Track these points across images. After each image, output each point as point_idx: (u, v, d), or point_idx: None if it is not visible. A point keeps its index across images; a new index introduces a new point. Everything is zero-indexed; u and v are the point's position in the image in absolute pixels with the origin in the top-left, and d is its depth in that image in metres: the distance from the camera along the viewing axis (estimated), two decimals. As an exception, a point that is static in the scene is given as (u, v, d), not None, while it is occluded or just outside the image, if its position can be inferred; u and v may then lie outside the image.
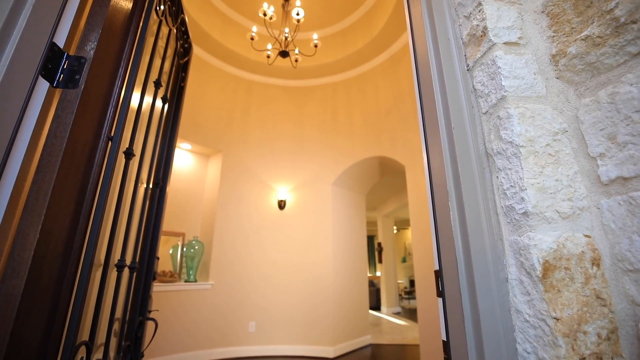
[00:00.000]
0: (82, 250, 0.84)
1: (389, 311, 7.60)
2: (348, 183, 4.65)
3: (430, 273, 3.16)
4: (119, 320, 1.15)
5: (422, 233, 3.37)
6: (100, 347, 1.03)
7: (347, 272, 4.35)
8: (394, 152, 3.92)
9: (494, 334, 0.54)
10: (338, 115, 4.66)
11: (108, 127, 0.94)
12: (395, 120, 4.02)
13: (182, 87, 1.66)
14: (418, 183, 3.53)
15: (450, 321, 0.62)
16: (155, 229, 1.41)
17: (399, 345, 4.42)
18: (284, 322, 3.95)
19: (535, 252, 0.51)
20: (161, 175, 1.44)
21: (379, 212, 8.45)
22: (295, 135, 4.67)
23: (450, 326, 0.61)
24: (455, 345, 0.60)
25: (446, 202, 0.65)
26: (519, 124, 0.57)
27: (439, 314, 2.40)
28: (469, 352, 0.55)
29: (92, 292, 0.96)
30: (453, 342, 0.60)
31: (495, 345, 0.53)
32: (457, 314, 0.59)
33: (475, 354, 0.55)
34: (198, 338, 3.57)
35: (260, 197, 4.36)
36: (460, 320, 0.58)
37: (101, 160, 0.91)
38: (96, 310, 0.93)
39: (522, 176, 0.55)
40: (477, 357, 0.54)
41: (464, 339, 0.57)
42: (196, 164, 4.33)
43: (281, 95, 4.82)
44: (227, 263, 3.97)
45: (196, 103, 4.15)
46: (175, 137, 1.57)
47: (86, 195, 0.86)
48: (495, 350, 0.53)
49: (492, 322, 0.55)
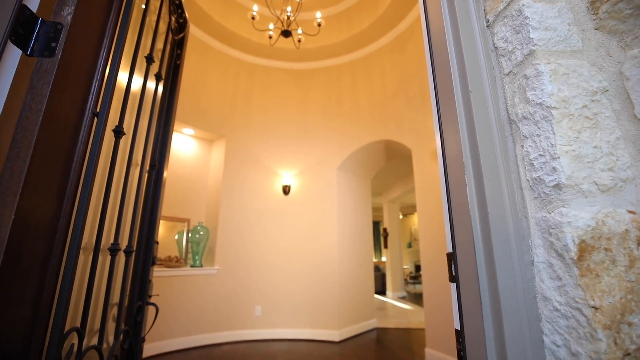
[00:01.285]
0: (68, 232, 0.79)
1: (395, 296, 7.63)
2: (353, 168, 4.57)
3: (436, 258, 3.11)
4: (116, 306, 1.11)
5: (428, 218, 3.30)
6: (96, 333, 0.99)
7: (352, 257, 4.32)
8: (401, 136, 3.81)
9: (516, 323, 0.47)
10: (343, 98, 4.53)
11: (93, 102, 0.87)
12: (401, 102, 3.89)
13: (178, 65, 1.58)
14: (425, 167, 3.44)
15: (465, 308, 0.55)
16: (152, 213, 1.36)
17: (404, 329, 4.42)
18: (289, 306, 3.96)
19: (570, 230, 0.44)
20: (157, 157, 1.38)
21: (384, 198, 8.38)
22: (299, 119, 4.57)
23: (465, 314, 0.55)
24: (470, 334, 0.53)
25: (462, 177, 0.57)
26: (551, 82, 0.49)
27: (445, 300, 2.36)
28: (486, 342, 0.49)
29: (84, 277, 0.92)
30: (468, 331, 0.54)
31: (518, 336, 0.47)
32: (474, 300, 0.53)
33: (494, 346, 0.48)
34: (205, 321, 3.60)
35: (265, 183, 4.31)
36: (477, 307, 0.52)
37: (86, 137, 0.85)
38: (87, 296, 0.89)
39: (554, 142, 0.47)
40: (497, 349, 0.48)
41: (481, 328, 0.50)
42: (199, 149, 4.28)
43: (285, 79, 4.70)
44: (232, 248, 3.96)
45: (198, 88, 4.06)
46: (172, 117, 1.51)
47: (71, 174, 0.80)
48: (517, 342, 0.47)
49: (514, 310, 0.48)
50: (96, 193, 0.97)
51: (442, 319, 2.97)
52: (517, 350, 0.46)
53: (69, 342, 0.82)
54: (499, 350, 0.48)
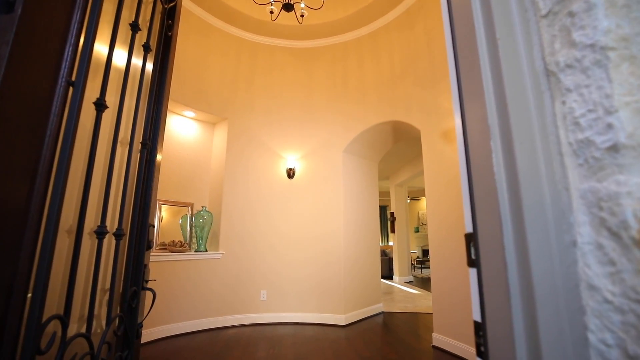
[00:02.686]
0: (43, 213, 0.72)
1: (401, 280, 7.63)
2: (360, 150, 4.45)
3: (445, 242, 3.03)
4: (107, 291, 1.06)
5: (437, 201, 3.20)
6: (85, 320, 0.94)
7: (359, 241, 4.27)
8: (409, 116, 3.67)
9: (553, 317, 0.39)
10: (349, 77, 4.37)
11: (67, 69, 0.79)
12: (410, 80, 3.72)
13: (170, 37, 1.48)
14: (434, 148, 3.31)
15: (488, 297, 0.47)
16: (146, 195, 1.29)
17: (411, 313, 4.41)
18: (294, 291, 3.95)
19: (630, 203, 0.34)
20: (149, 135, 1.30)
21: (391, 182, 8.27)
22: (303, 100, 4.44)
23: (488, 304, 0.47)
24: (494, 328, 0.45)
25: (486, 143, 0.48)
26: (607, 16, 0.38)
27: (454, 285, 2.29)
28: (515, 338, 0.41)
29: (67, 262, 0.86)
30: (491, 324, 0.46)
31: (556, 332, 0.38)
32: (499, 288, 0.44)
33: (525, 342, 0.40)
34: (210, 305, 3.62)
35: (269, 166, 4.23)
36: (503, 297, 0.43)
37: (61, 109, 0.77)
38: (70, 281, 0.83)
39: (611, 92, 0.37)
40: (529, 347, 0.40)
41: (508, 321, 0.42)
42: (202, 132, 4.20)
43: (288, 58, 4.54)
44: (236, 233, 3.94)
45: (198, 68, 3.94)
46: (164, 93, 1.41)
47: (43, 149, 0.72)
48: (554, 339, 0.38)
49: (551, 301, 0.39)
50: (80, 172, 0.89)
51: (451, 304, 2.92)
52: (555, 349, 0.38)
53: (50, 330, 0.76)
54: (532, 348, 0.39)
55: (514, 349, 0.40)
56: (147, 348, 2.93)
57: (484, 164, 0.48)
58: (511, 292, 0.42)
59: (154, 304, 1.33)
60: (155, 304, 3.18)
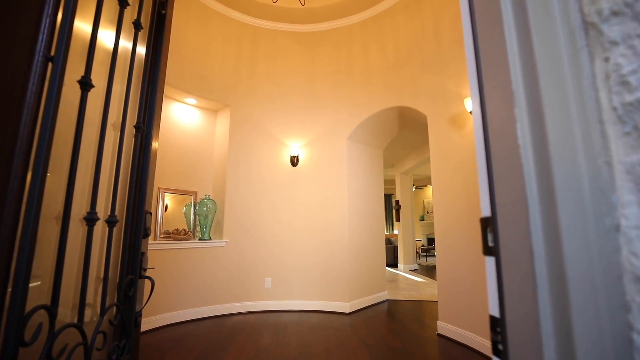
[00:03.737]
0: (22, 198, 0.68)
1: (406, 268, 7.62)
2: (364, 137, 4.36)
3: (451, 230, 2.96)
4: (100, 280, 1.02)
5: (443, 188, 3.12)
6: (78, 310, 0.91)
7: (364, 230, 4.23)
8: (415, 101, 3.56)
9: (590, 313, 0.33)
10: (353, 62, 4.25)
11: (45, 43, 0.73)
12: (416, 64, 3.60)
13: (164, 16, 1.40)
14: (441, 133, 3.21)
15: (509, 290, 0.41)
16: (141, 181, 1.24)
17: (415, 301, 4.39)
18: (299, 278, 3.95)
19: (696, 176, 0.28)
20: (142, 118, 1.24)
21: (397, 170, 8.18)
22: (307, 86, 4.33)
23: (509, 297, 0.41)
24: (515, 325, 0.39)
25: (509, 111, 0.41)
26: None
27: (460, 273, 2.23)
28: (543, 338, 0.35)
29: (55, 249, 0.81)
30: (512, 321, 0.40)
31: (594, 332, 0.32)
32: (523, 280, 0.38)
33: (554, 343, 0.34)
34: (215, 293, 3.63)
35: (272, 154, 4.17)
36: (527, 289, 0.37)
37: (38, 86, 0.71)
38: (57, 270, 0.78)
39: (673, 40, 0.30)
40: (559, 348, 0.34)
41: (533, 317, 0.36)
42: (204, 120, 4.14)
43: (291, 43, 4.41)
44: (240, 221, 3.92)
45: (199, 55, 3.85)
46: (159, 75, 1.35)
47: (20, 128, 0.67)
48: (592, 341, 0.32)
49: (587, 295, 0.33)
50: (67, 155, 0.84)
51: (456, 293, 2.87)
52: (592, 352, 0.32)
53: (41, 321, 0.72)
54: (564, 350, 0.33)
55: (541, 350, 0.35)
56: (152, 335, 2.95)
57: (506, 136, 0.41)
58: (538, 284, 0.36)
59: (152, 293, 1.30)
60: (159, 292, 3.20)
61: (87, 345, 0.88)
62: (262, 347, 2.66)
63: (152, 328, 3.10)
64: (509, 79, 0.41)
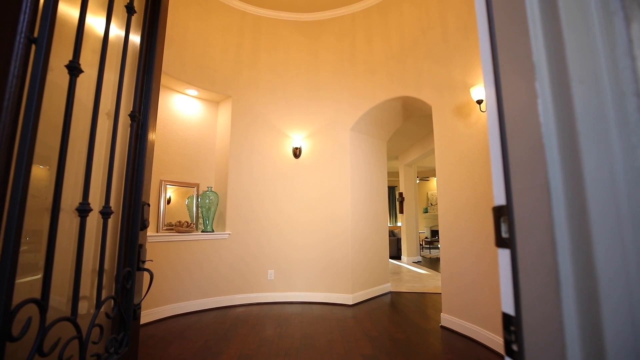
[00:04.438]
0: (7, 188, 0.64)
1: (409, 260, 7.60)
2: (368, 128, 4.30)
3: (456, 222, 2.92)
4: (97, 272, 1.00)
5: (448, 179, 3.07)
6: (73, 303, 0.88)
7: (367, 222, 4.19)
8: (419, 91, 3.48)
9: (626, 316, 0.29)
10: (356, 52, 4.16)
11: (27, 24, 0.68)
12: (421, 52, 3.51)
13: (159, 0, 1.35)
14: (446, 123, 3.15)
15: (526, 286, 0.37)
16: (138, 171, 1.21)
17: (419, 293, 4.37)
18: (302, 270, 3.94)
19: None
20: (138, 107, 1.20)
21: (400, 162, 8.10)
22: (309, 77, 4.26)
23: (525, 294, 0.37)
24: (533, 325, 0.35)
25: (529, 86, 0.36)
26: None
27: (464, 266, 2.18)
28: (567, 342, 0.31)
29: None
30: (529, 321, 0.36)
31: (630, 338, 0.28)
32: (543, 275, 0.34)
33: (579, 349, 0.30)
34: (218, 285, 3.64)
35: (274, 145, 4.13)
36: (549, 287, 0.33)
37: (21, 69, 0.67)
38: (48, 263, 0.76)
39: None
40: (587, 355, 0.30)
41: (556, 318, 0.32)
42: (205, 111, 4.09)
43: (293, 33, 4.32)
44: (243, 213, 3.90)
45: (200, 45, 3.78)
46: (155, 62, 1.30)
47: (2, 113, 0.63)
48: (629, 348, 0.28)
49: (622, 294, 0.29)
50: (58, 145, 0.81)
51: (461, 285, 2.84)
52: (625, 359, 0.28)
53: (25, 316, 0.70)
54: (592, 357, 0.29)
55: (564, 356, 0.31)
56: (156, 326, 2.97)
57: (525, 114, 0.37)
58: (562, 281, 0.32)
59: (151, 285, 1.28)
60: (163, 284, 3.20)
61: (82, 339, 0.86)
62: (265, 339, 2.66)
63: (155, 319, 3.11)
64: (529, 49, 0.36)
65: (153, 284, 3.13)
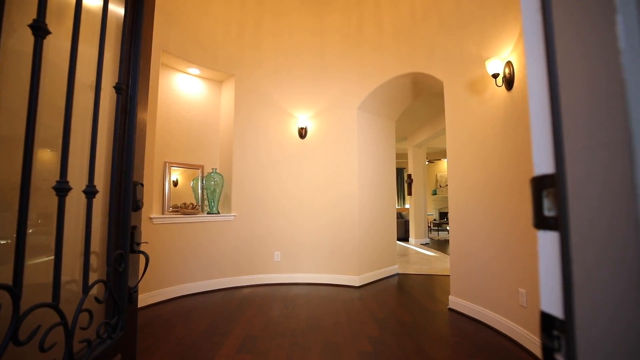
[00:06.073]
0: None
1: (417, 242, 7.55)
2: (376, 107, 4.13)
3: (465, 203, 2.81)
4: (91, 256, 0.94)
5: (459, 158, 2.94)
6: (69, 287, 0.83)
7: (374, 204, 4.11)
8: (430, 67, 3.29)
9: None
10: (364, 25, 3.94)
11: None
12: (433, 26, 3.29)
13: (145, -40, 1.22)
14: (458, 99, 2.98)
15: (585, 283, 0.27)
16: (127, 148, 1.13)
17: (426, 275, 4.33)
18: (308, 252, 3.90)
19: None
20: (124, 79, 1.11)
21: (409, 143, 7.91)
22: (315, 55, 4.08)
23: (583, 292, 0.27)
24: (594, 335, 0.26)
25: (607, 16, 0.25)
26: None
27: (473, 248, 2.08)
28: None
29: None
30: (588, 328, 0.27)
31: None
32: (615, 269, 0.24)
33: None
34: (224, 266, 3.63)
35: (279, 125, 4.01)
36: (625, 285, 0.24)
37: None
38: (18, 246, 0.69)
39: None
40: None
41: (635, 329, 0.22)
42: (208, 91, 3.97)
43: (298, 6, 4.11)
44: (248, 195, 3.84)
45: (200, 21, 3.61)
46: (142, 30, 1.19)
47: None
48: None
49: None
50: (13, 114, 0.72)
51: (470, 267, 2.76)
52: None
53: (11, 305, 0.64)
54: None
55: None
56: (161, 307, 2.99)
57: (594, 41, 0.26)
58: (648, 276, 0.22)
59: (147, 268, 1.23)
60: (168, 265, 3.21)
61: (67, 325, 0.81)
62: (271, 319, 2.66)
63: (161, 300, 3.13)
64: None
65: (160, 266, 3.13)
